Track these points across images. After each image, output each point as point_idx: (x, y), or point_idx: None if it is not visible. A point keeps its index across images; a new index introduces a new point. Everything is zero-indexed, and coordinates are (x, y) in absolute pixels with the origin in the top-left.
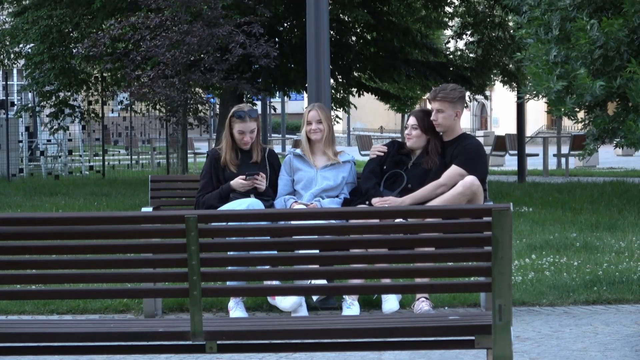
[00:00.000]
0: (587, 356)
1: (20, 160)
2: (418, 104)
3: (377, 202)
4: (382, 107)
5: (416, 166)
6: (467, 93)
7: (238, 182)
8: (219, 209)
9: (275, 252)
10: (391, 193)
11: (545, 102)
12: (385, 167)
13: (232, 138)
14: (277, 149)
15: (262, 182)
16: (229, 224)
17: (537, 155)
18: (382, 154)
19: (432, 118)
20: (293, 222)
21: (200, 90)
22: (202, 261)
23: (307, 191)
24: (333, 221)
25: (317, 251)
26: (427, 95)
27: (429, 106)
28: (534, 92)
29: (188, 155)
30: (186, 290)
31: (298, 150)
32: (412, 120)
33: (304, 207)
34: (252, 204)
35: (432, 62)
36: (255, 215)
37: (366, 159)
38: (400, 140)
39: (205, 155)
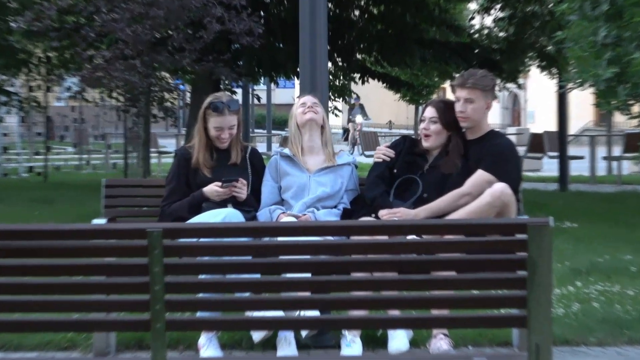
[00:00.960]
0: None
1: None
2: (435, 94)
3: (385, 214)
4: (390, 98)
5: (433, 170)
6: (497, 81)
7: (213, 189)
8: (188, 221)
9: (258, 275)
10: (403, 204)
11: (593, 93)
12: (395, 171)
13: (206, 134)
14: (262, 148)
15: (242, 189)
16: (201, 240)
17: (582, 158)
18: (389, 158)
19: (459, 109)
20: (280, 239)
21: (168, 75)
22: (167, 286)
23: (298, 200)
24: (330, 238)
25: (310, 275)
26: (451, 82)
27: (448, 96)
28: (578, 81)
29: (151, 154)
30: (147, 323)
31: (286, 150)
32: (430, 112)
33: (294, 219)
34: (229, 215)
35: (452, 42)
36: (233, 230)
37: (371, 161)
38: (413, 136)
39: (173, 155)
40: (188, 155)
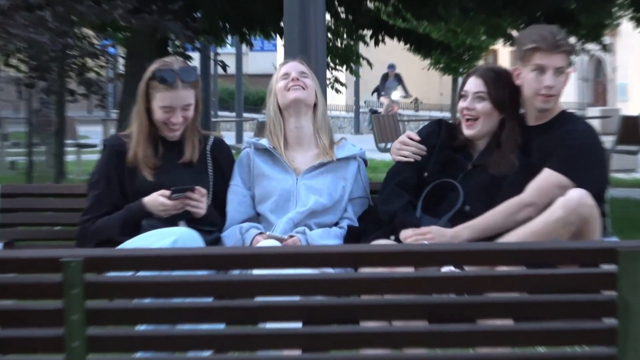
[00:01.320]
0: None
1: None
2: (482, 59)
3: (410, 236)
4: (416, 66)
5: (480, 171)
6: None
7: (157, 201)
8: (122, 245)
9: (223, 325)
10: (435, 221)
11: None
12: (426, 175)
13: (149, 119)
14: (229, 139)
15: (200, 202)
16: (141, 274)
17: None
18: (419, 157)
19: (548, 84)
20: (257, 272)
21: (92, 34)
22: (90, 342)
23: (282, 215)
24: (329, 270)
25: (300, 325)
26: (516, 43)
27: (502, 62)
28: None
29: (67, 149)
30: None
31: (263, 141)
32: (474, 85)
33: (276, 243)
34: (182, 238)
35: None
36: (187, 259)
37: (386, 157)
38: (450, 121)
39: (101, 147)
40: (122, 147)
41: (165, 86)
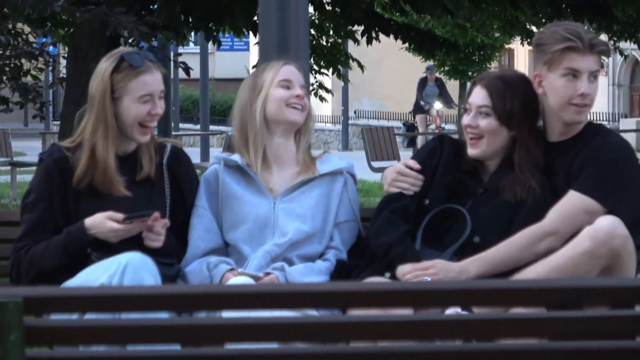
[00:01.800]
0: None
1: None
2: (495, 61)
3: (409, 271)
4: (417, 68)
5: (491, 195)
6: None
7: (106, 226)
8: (68, 283)
9: None
10: (438, 254)
11: None
12: (428, 202)
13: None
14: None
15: (159, 234)
16: (88, 316)
17: None
18: (417, 189)
19: (583, 91)
20: (227, 314)
21: (28, 30)
22: None
23: (257, 247)
24: (313, 312)
25: None
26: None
27: (519, 65)
28: None
29: None
30: None
31: (235, 157)
32: (479, 97)
33: (249, 281)
34: (131, 264)
35: None
36: (145, 299)
37: (380, 177)
38: (456, 136)
39: (37, 162)
40: (65, 162)
41: (139, 70)
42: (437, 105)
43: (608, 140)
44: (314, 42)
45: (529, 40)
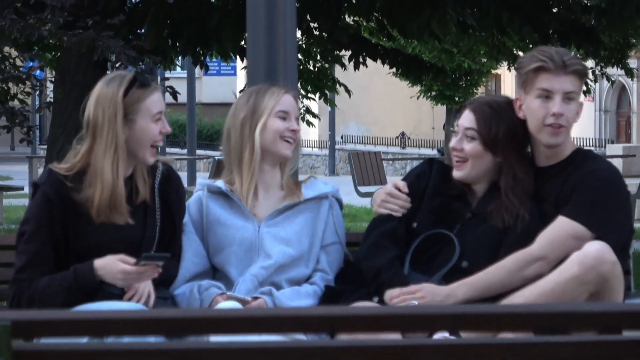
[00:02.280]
0: None
1: None
2: (482, 86)
3: (396, 295)
4: (404, 93)
5: (479, 220)
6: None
7: (116, 268)
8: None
9: None
10: (426, 279)
11: None
12: (415, 225)
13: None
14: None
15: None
16: (79, 340)
17: None
18: (405, 211)
19: (555, 111)
20: (215, 339)
21: (13, 52)
22: None
23: (243, 270)
24: (301, 337)
25: None
26: (517, 65)
27: (506, 90)
28: None
29: None
30: None
31: (219, 183)
32: (466, 120)
33: (236, 305)
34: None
35: None
36: (134, 323)
37: (367, 202)
38: (445, 160)
39: (30, 190)
40: (64, 189)
41: (150, 90)
42: None
43: (597, 167)
44: (301, 67)
45: (515, 65)
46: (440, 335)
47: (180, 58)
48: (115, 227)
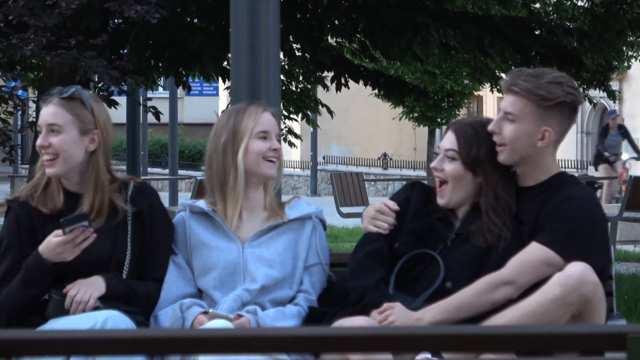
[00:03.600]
0: None
1: None
2: (465, 107)
3: (380, 316)
4: (386, 115)
5: (462, 241)
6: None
7: (52, 243)
8: (43, 327)
9: None
10: (411, 300)
11: None
12: (397, 245)
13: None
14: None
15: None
16: None
17: None
18: (392, 227)
19: (490, 128)
20: (202, 359)
21: None
22: None
23: (227, 292)
24: (283, 357)
25: None
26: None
27: (489, 112)
28: None
29: None
30: None
31: (200, 203)
32: (447, 141)
33: (225, 324)
34: (111, 318)
35: (496, 17)
36: (116, 343)
37: (349, 223)
38: (427, 182)
39: (5, 209)
40: (29, 209)
41: (41, 102)
42: (624, 156)
43: (574, 194)
44: (284, 88)
45: (498, 87)
46: (423, 357)
47: (162, 78)
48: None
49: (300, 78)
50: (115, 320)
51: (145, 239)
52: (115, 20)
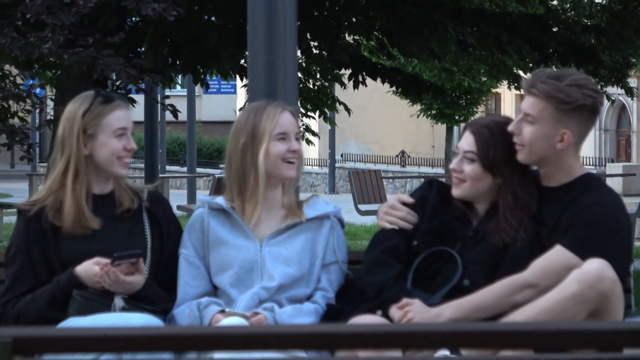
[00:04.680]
0: None
1: None
2: (483, 105)
3: (400, 313)
4: (404, 112)
5: (480, 238)
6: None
7: (92, 271)
8: (64, 323)
9: None
10: (428, 297)
11: None
12: (415, 243)
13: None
14: (178, 199)
15: (139, 274)
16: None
17: None
18: (410, 226)
19: (510, 129)
20: (218, 357)
21: (15, 71)
22: None
23: (244, 290)
24: (301, 353)
25: None
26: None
27: (507, 110)
28: None
29: None
30: None
31: (219, 200)
32: (466, 142)
33: (241, 321)
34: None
35: (513, 15)
36: (136, 341)
37: (367, 220)
38: (444, 180)
39: (17, 213)
40: (41, 211)
41: (113, 105)
42: None
43: (599, 199)
44: (301, 85)
45: (516, 84)
46: (441, 353)
47: (180, 76)
48: (93, 238)
49: (318, 76)
50: (146, 321)
51: (165, 247)
52: (133, 19)
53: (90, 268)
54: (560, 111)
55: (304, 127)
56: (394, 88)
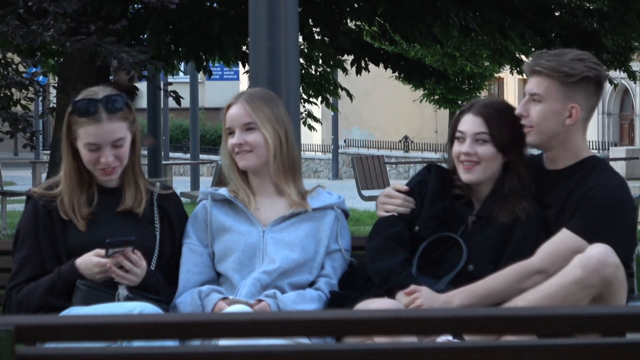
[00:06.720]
0: None
1: None
2: (485, 89)
3: (408, 304)
4: (407, 98)
5: (484, 222)
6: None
7: (92, 262)
8: (67, 311)
9: None
10: (434, 283)
11: None
12: (417, 229)
13: (75, 161)
14: (182, 186)
15: (139, 265)
16: (83, 345)
17: None
18: (408, 210)
19: (517, 112)
20: (223, 343)
21: (17, 59)
22: None
23: (246, 275)
24: (305, 340)
25: None
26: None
27: (508, 95)
28: None
29: None
30: None
31: (222, 191)
32: (474, 124)
33: (244, 308)
34: (145, 310)
35: (516, 0)
36: (138, 328)
37: (370, 206)
38: (444, 165)
39: (25, 200)
40: (51, 198)
41: (86, 119)
42: None
43: (604, 182)
44: (303, 72)
45: (518, 69)
46: (444, 339)
47: (183, 63)
48: (96, 231)
49: (320, 61)
50: (149, 311)
51: (175, 242)
52: (135, 6)
53: (89, 259)
54: (566, 85)
55: (305, 112)
56: (396, 73)
